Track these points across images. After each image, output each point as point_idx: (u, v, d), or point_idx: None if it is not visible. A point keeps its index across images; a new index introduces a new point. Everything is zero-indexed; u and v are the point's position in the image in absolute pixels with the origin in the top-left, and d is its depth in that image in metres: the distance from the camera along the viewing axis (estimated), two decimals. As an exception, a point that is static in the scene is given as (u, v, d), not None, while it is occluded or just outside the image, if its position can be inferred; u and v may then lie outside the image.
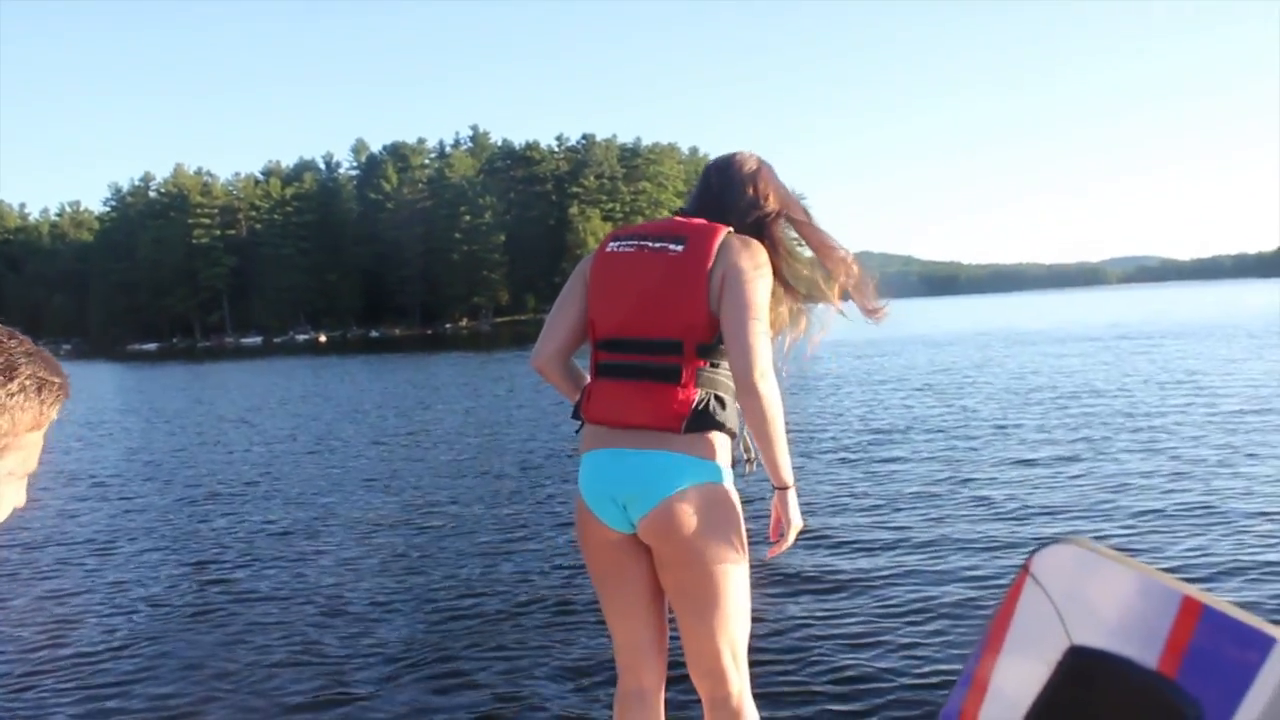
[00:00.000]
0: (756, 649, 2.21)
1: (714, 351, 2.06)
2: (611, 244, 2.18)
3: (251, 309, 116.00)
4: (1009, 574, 3.40)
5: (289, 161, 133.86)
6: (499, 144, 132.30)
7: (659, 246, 2.10)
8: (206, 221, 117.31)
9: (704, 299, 2.03)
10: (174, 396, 23.71)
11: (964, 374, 16.73)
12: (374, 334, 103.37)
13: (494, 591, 5.05)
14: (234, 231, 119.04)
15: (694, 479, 2.02)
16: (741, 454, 2.18)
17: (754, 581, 2.20)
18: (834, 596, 4.61)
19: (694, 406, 2.02)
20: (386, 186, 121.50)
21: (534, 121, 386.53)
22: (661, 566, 2.12)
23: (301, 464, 10.25)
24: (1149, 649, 0.75)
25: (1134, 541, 5.27)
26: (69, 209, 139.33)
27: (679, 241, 2.09)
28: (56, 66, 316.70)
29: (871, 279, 2.30)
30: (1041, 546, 0.80)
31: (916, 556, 5.21)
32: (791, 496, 2.11)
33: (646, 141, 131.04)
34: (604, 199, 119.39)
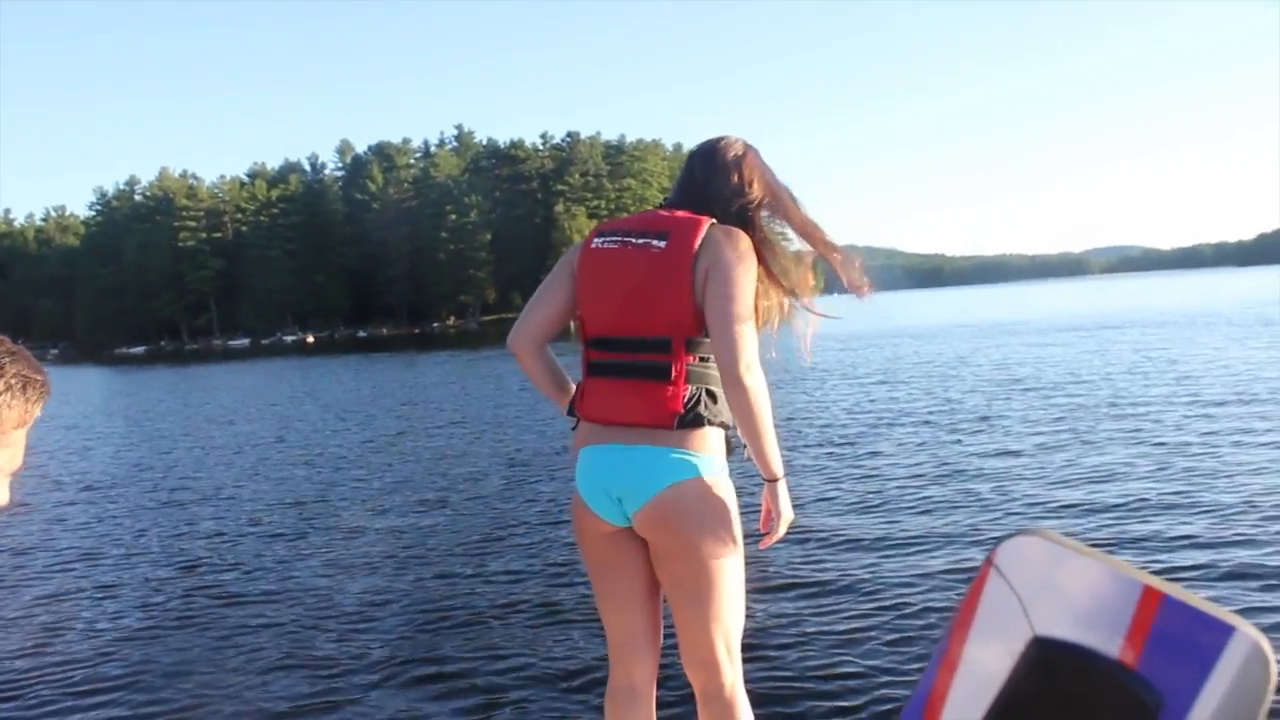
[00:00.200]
0: (744, 644, 2.22)
1: (703, 346, 2.07)
2: (596, 239, 2.18)
3: (239, 311, 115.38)
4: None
5: (274, 163, 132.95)
6: (484, 143, 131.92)
7: (642, 243, 2.10)
8: (192, 224, 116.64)
9: (689, 295, 2.03)
10: (162, 400, 23.56)
11: (948, 366, 16.79)
12: (361, 334, 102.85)
13: (483, 591, 5.06)
14: (220, 234, 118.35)
15: (688, 472, 2.03)
16: (738, 442, 2.18)
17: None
18: (820, 590, 4.63)
19: (685, 403, 2.03)
20: (372, 187, 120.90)
21: (518, 120, 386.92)
22: (657, 559, 2.14)
23: (289, 466, 10.21)
24: (1111, 639, 0.75)
25: (1116, 533, 5.31)
26: (54, 214, 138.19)
27: (662, 237, 2.09)
28: (40, 72, 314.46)
29: (857, 256, 2.30)
30: (1005, 538, 0.81)
31: (902, 549, 5.24)
32: (781, 488, 2.12)
33: (631, 138, 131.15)
34: (589, 196, 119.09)
